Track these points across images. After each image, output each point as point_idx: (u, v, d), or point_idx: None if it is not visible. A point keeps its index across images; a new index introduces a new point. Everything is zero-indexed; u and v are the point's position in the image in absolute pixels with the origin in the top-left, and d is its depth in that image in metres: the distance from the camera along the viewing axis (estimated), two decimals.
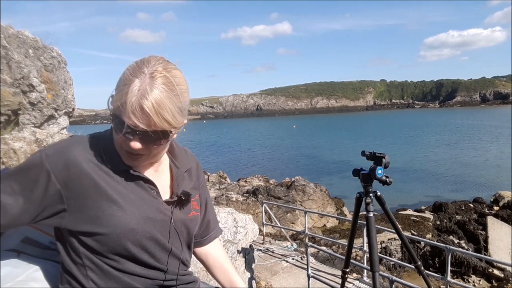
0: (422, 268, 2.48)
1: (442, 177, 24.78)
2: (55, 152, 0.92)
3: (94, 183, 0.92)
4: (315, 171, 27.61)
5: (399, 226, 2.41)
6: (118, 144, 0.94)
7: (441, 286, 7.74)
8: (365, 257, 5.88)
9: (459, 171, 26.32)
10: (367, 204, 2.15)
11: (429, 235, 11.64)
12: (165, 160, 1.09)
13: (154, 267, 1.00)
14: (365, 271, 5.94)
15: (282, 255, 6.73)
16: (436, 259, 10.16)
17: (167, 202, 1.04)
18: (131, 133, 0.88)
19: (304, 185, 15.01)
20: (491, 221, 11.60)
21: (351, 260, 2.82)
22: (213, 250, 1.27)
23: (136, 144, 0.89)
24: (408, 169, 26.65)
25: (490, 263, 9.83)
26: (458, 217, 14.01)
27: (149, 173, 1.03)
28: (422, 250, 10.52)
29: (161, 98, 0.86)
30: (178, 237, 1.05)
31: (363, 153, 2.15)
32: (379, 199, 2.20)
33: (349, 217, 12.29)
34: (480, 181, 22.96)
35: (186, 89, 0.92)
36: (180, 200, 1.06)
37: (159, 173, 1.07)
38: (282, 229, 9.21)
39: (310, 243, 5.00)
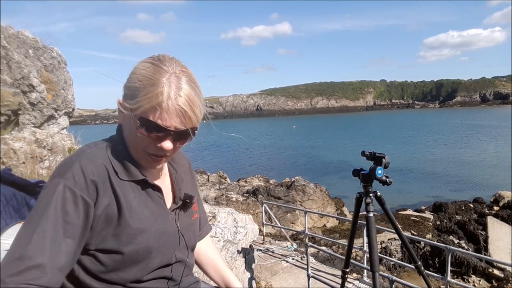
0: (422, 268, 2.48)
1: (442, 177, 24.76)
2: (74, 176, 0.85)
3: (114, 200, 0.90)
4: (315, 171, 27.59)
5: (399, 226, 2.41)
6: (141, 148, 0.92)
7: (441, 286, 7.74)
8: (365, 257, 5.87)
9: (459, 171, 26.31)
10: (367, 204, 2.15)
11: (429, 235, 11.64)
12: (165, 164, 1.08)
13: (160, 277, 0.99)
14: (365, 271, 5.94)
15: (282, 255, 6.72)
16: (436, 259, 10.16)
17: (172, 208, 1.03)
18: (167, 133, 0.88)
19: (304, 185, 15.01)
20: (491, 221, 11.60)
21: (351, 260, 2.82)
22: (204, 247, 1.26)
23: (169, 145, 0.90)
24: (408, 169, 26.65)
25: (490, 263, 9.83)
26: (458, 217, 14.01)
27: (156, 179, 1.02)
28: (422, 250, 10.52)
29: (192, 95, 0.88)
30: (185, 244, 1.05)
31: (363, 153, 2.15)
32: (379, 199, 2.20)
33: (349, 217, 12.29)
34: (480, 181, 22.95)
35: None
36: (185, 203, 1.05)
37: (162, 178, 1.06)
38: (282, 229, 9.21)
39: (310, 243, 5.00)
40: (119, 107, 0.93)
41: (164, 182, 1.06)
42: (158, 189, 0.99)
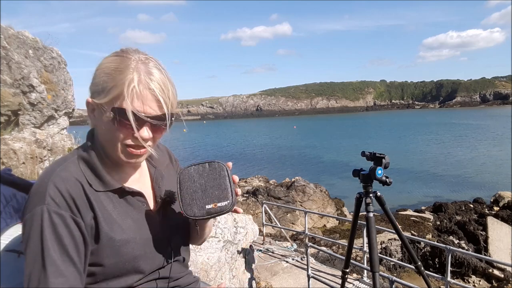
0: (422, 268, 2.48)
1: (442, 177, 24.78)
2: (53, 198, 0.82)
3: (92, 214, 0.87)
4: (315, 171, 27.60)
5: (399, 226, 2.41)
6: (119, 141, 0.87)
7: (441, 287, 7.73)
8: (365, 257, 5.87)
9: (459, 171, 26.33)
10: (367, 204, 2.16)
11: (429, 236, 11.63)
12: (143, 162, 1.04)
13: (154, 279, 0.98)
14: (365, 271, 5.94)
15: (282, 255, 6.73)
16: (436, 259, 10.15)
17: (155, 210, 1.00)
18: (141, 121, 0.85)
19: (304, 185, 15.00)
20: (491, 222, 11.61)
21: (351, 261, 2.83)
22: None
23: (147, 133, 0.86)
24: (408, 169, 26.64)
25: (490, 264, 9.83)
26: (458, 218, 14.02)
27: (135, 181, 1.00)
28: (422, 251, 10.52)
29: (163, 78, 0.86)
30: (174, 246, 1.03)
31: (363, 154, 2.16)
32: (379, 200, 2.20)
33: (349, 217, 12.29)
34: (480, 181, 22.96)
35: None
36: (167, 201, 1.02)
37: (143, 179, 1.03)
38: (282, 230, 9.21)
39: (310, 244, 5.00)
40: (88, 107, 0.89)
41: (145, 182, 1.03)
42: (138, 193, 0.96)
